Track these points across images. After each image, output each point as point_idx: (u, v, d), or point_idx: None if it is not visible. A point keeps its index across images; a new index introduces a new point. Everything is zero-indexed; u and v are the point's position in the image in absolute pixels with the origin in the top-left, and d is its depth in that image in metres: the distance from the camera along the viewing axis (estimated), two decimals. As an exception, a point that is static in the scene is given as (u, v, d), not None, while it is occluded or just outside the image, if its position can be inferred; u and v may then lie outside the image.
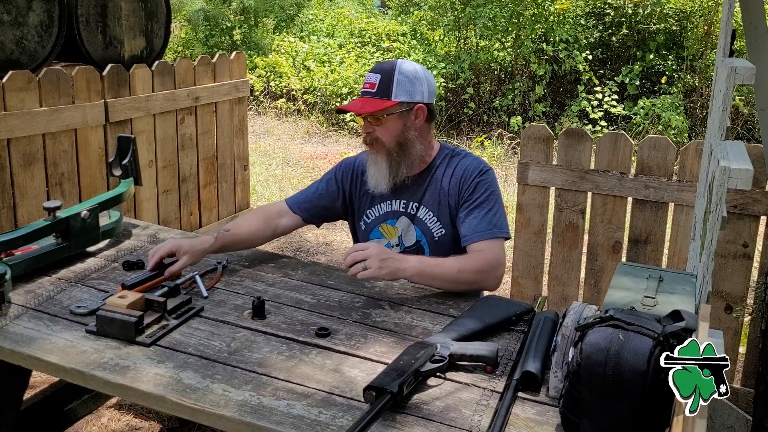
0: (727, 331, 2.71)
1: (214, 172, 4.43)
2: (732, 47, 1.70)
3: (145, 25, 4.12)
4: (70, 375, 1.49)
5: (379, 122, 2.00)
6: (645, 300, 1.47)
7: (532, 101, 7.55)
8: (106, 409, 2.67)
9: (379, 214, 2.12)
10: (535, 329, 1.56)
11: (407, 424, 1.31)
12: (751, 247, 2.66)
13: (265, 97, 8.68)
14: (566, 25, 7.50)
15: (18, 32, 3.42)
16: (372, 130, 2.01)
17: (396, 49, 8.58)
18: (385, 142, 2.01)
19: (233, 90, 4.45)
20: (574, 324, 1.35)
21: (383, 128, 2.00)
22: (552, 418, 1.34)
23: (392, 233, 2.10)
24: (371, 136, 2.02)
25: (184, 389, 1.40)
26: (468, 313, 1.68)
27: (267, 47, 9.22)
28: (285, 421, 1.31)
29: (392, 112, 1.98)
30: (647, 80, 7.42)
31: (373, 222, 2.13)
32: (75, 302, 1.75)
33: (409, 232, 2.08)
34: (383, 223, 2.11)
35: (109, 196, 2.17)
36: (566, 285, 3.03)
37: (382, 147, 2.01)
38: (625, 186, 2.84)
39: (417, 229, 2.08)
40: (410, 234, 2.08)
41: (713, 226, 1.31)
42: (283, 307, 1.78)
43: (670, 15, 7.37)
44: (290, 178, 6.19)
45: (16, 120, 3.08)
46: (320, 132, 7.96)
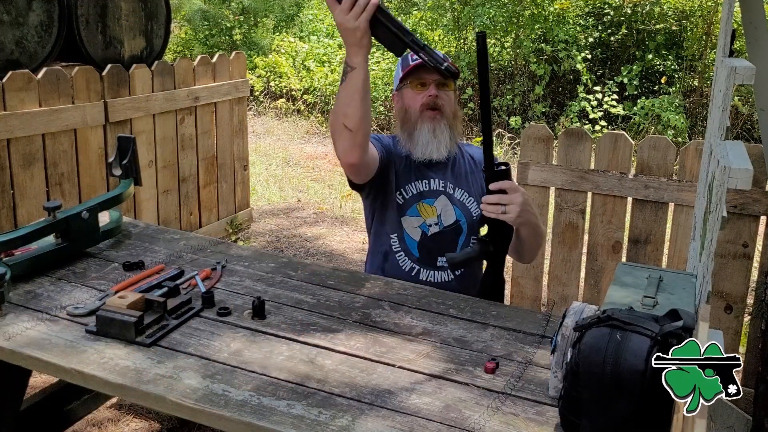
0: (727, 331, 2.71)
1: (214, 172, 4.43)
2: (732, 47, 1.70)
3: (145, 25, 4.12)
4: (70, 375, 1.49)
5: (445, 88, 1.98)
6: (645, 300, 1.47)
7: (532, 101, 7.55)
8: (106, 409, 2.67)
9: (416, 191, 2.08)
10: None
11: (407, 424, 1.31)
12: (751, 247, 2.67)
13: (265, 97, 8.68)
14: (565, 25, 7.50)
15: (18, 32, 3.42)
16: (437, 95, 1.99)
17: (396, 49, 8.57)
18: (446, 110, 1.99)
19: (233, 90, 4.45)
20: (573, 324, 1.35)
21: (447, 95, 1.99)
22: (552, 418, 1.34)
23: (430, 212, 2.08)
24: (436, 100, 1.99)
25: (184, 389, 1.40)
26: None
27: (267, 47, 9.22)
28: (285, 421, 1.31)
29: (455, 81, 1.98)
30: (647, 80, 7.42)
31: (412, 199, 2.08)
32: (74, 302, 1.75)
33: (448, 212, 2.08)
34: (420, 201, 2.08)
35: (109, 196, 2.17)
36: (566, 285, 3.03)
37: (442, 115, 2.00)
38: (625, 186, 2.84)
39: (456, 209, 2.08)
40: (449, 213, 2.08)
41: (713, 226, 1.31)
42: (283, 307, 1.78)
43: (670, 15, 7.37)
44: (290, 178, 6.19)
45: (15, 120, 3.08)
46: (320, 132, 7.95)
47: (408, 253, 2.08)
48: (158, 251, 2.11)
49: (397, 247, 2.08)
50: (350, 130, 1.75)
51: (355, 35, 1.65)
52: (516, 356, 1.58)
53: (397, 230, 2.07)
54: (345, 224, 5.14)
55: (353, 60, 1.70)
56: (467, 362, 1.54)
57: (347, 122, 1.74)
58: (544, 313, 1.87)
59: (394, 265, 2.09)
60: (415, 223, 2.07)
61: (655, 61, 7.28)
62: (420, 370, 1.50)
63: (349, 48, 1.69)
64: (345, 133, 1.76)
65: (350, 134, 1.76)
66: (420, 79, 2.00)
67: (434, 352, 1.58)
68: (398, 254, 2.09)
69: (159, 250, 2.12)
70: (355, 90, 1.72)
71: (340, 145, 1.81)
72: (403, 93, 2.07)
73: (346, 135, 1.76)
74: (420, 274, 2.08)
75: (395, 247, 2.08)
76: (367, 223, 2.19)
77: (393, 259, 2.09)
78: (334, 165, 6.67)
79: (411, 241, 2.08)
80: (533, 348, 1.62)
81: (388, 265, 2.09)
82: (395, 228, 2.08)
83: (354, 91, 1.72)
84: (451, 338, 1.65)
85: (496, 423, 1.32)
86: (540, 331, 1.71)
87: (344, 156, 1.83)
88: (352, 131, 1.75)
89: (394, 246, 2.08)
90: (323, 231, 4.98)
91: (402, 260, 2.08)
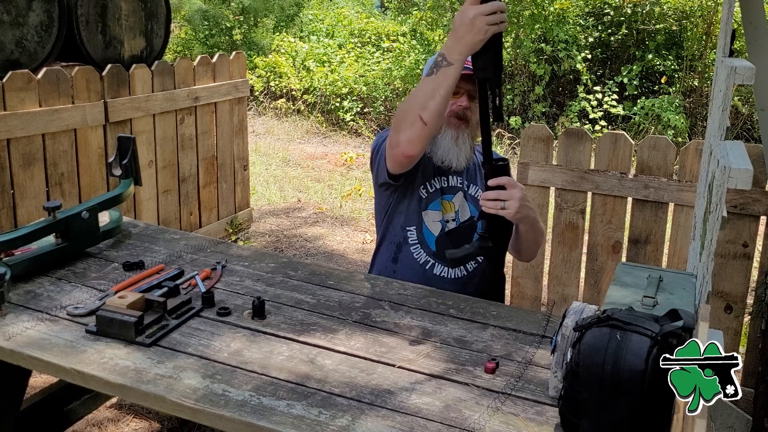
0: (727, 331, 2.71)
1: (214, 172, 4.43)
2: (732, 47, 1.70)
3: (145, 25, 4.12)
4: (70, 375, 1.49)
5: (473, 100, 1.98)
6: (645, 300, 1.47)
7: (532, 101, 7.55)
8: (106, 409, 2.67)
9: (439, 186, 2.10)
10: None
11: (407, 424, 1.31)
12: (751, 247, 2.66)
13: (265, 97, 8.68)
14: (565, 25, 7.50)
15: (18, 32, 3.42)
16: (468, 106, 1.99)
17: (396, 49, 8.58)
18: (472, 121, 2.00)
19: (233, 90, 4.45)
20: (573, 324, 1.35)
21: (475, 106, 1.98)
22: (552, 418, 1.34)
23: (449, 208, 2.09)
24: (466, 110, 1.99)
25: (184, 389, 1.40)
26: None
27: (267, 47, 9.22)
28: (285, 421, 1.31)
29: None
30: (647, 80, 7.42)
31: (435, 194, 2.09)
32: (74, 302, 1.75)
33: (465, 208, 2.10)
34: (442, 197, 2.10)
35: (109, 196, 2.17)
36: (566, 285, 3.03)
37: (467, 125, 2.00)
38: (625, 186, 2.84)
39: (471, 205, 2.09)
40: (465, 210, 2.10)
41: (713, 226, 1.31)
42: (283, 307, 1.78)
43: (670, 15, 7.37)
44: (290, 178, 6.19)
45: (15, 120, 3.08)
46: (320, 132, 7.95)
47: (425, 246, 2.07)
48: (158, 251, 2.11)
49: (413, 239, 2.08)
50: (424, 123, 1.73)
51: (475, 36, 1.61)
52: (516, 356, 1.58)
53: (417, 223, 2.08)
54: (345, 224, 5.14)
55: (454, 55, 1.67)
56: (467, 362, 1.54)
57: (424, 115, 1.72)
58: (544, 313, 1.87)
59: (407, 255, 2.08)
60: (436, 217, 2.08)
61: (655, 61, 7.28)
62: (420, 370, 1.50)
63: (457, 43, 1.64)
64: (418, 124, 1.73)
65: (423, 127, 1.73)
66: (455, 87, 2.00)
67: (434, 352, 1.58)
68: (414, 246, 2.08)
69: (159, 250, 2.12)
70: (443, 86, 1.70)
71: (407, 135, 1.77)
72: None
73: (418, 126, 1.73)
74: (434, 268, 2.08)
75: (411, 240, 2.08)
76: (379, 215, 2.17)
77: (407, 251, 2.08)
78: (334, 165, 6.67)
79: (429, 234, 2.08)
80: (533, 348, 1.62)
81: (402, 256, 2.09)
82: (414, 221, 2.08)
83: (441, 86, 1.70)
84: (451, 338, 1.65)
85: (496, 423, 1.32)
86: (540, 331, 1.71)
87: (408, 146, 1.78)
88: (427, 125, 1.73)
89: (410, 238, 2.08)
90: (323, 231, 4.98)
91: (417, 253, 2.08)
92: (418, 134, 1.75)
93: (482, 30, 1.60)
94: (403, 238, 2.08)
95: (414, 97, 1.75)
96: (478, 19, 1.60)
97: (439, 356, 1.56)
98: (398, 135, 1.79)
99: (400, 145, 1.80)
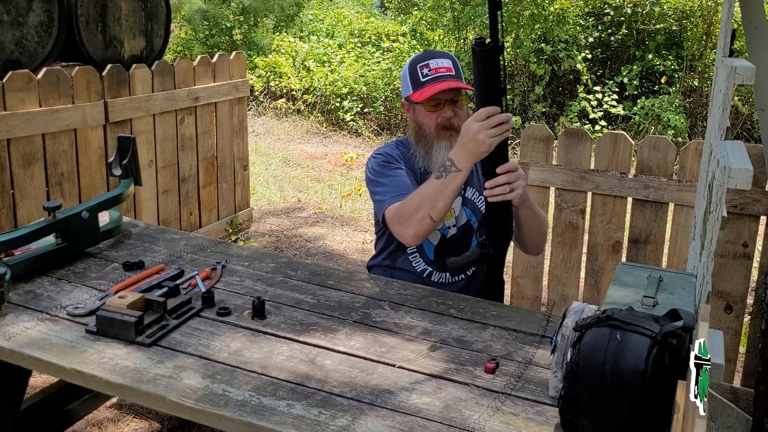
0: (727, 331, 2.71)
1: (214, 172, 4.43)
2: (732, 47, 1.70)
3: (145, 25, 4.12)
4: (70, 375, 1.49)
5: (459, 106, 1.99)
6: (645, 300, 1.47)
7: (532, 101, 7.54)
8: (106, 409, 2.67)
9: None
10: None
11: (407, 423, 1.31)
12: (751, 247, 2.66)
13: (265, 97, 8.68)
14: (565, 25, 7.50)
15: (18, 32, 3.42)
16: (453, 115, 2.00)
17: (396, 49, 8.58)
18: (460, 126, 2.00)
19: (233, 90, 4.45)
20: (573, 324, 1.35)
21: (462, 112, 2.00)
22: (552, 418, 1.34)
23: (449, 215, 2.09)
24: (451, 120, 2.00)
25: (184, 389, 1.40)
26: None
27: (267, 47, 9.22)
28: (285, 421, 1.31)
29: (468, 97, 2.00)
30: (647, 80, 7.42)
31: None
32: (74, 302, 1.75)
33: (461, 213, 2.11)
34: None
35: (109, 196, 2.17)
36: (566, 285, 3.03)
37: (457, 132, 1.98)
38: (625, 186, 2.84)
39: (466, 209, 2.10)
40: (462, 213, 2.11)
41: (713, 226, 1.31)
42: (283, 307, 1.78)
43: (670, 15, 7.37)
44: (290, 178, 6.19)
45: (15, 120, 3.08)
46: (320, 132, 7.95)
47: (423, 255, 2.09)
48: (158, 251, 2.11)
49: (412, 249, 2.08)
50: (433, 221, 1.84)
51: (480, 147, 1.72)
52: (516, 356, 1.58)
53: None
54: (345, 224, 5.14)
55: (462, 163, 1.77)
56: (467, 362, 1.54)
57: (433, 214, 1.82)
58: (544, 313, 1.87)
59: (405, 263, 2.09)
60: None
61: (655, 61, 7.28)
62: (420, 370, 1.50)
63: (465, 152, 1.76)
64: (426, 221, 1.83)
65: (431, 224, 1.85)
66: (434, 100, 1.99)
67: (434, 352, 1.58)
68: (412, 255, 2.09)
69: (159, 250, 2.12)
70: (452, 189, 1.80)
71: (414, 230, 1.86)
72: (415, 109, 2.05)
73: (427, 223, 1.84)
74: (432, 276, 2.09)
75: (410, 249, 2.08)
76: (378, 224, 2.17)
77: (405, 258, 2.10)
78: (334, 165, 6.67)
79: (428, 243, 2.08)
80: (533, 348, 1.62)
81: (399, 263, 2.10)
82: None
83: (451, 189, 1.80)
84: (451, 338, 1.65)
85: (496, 423, 1.32)
86: (540, 331, 1.71)
87: (414, 239, 1.90)
88: (435, 222, 1.84)
89: (408, 247, 2.08)
90: (323, 231, 4.98)
91: (416, 261, 2.09)
92: (426, 230, 1.86)
93: (486, 143, 1.71)
94: (401, 245, 2.08)
95: (423, 197, 1.83)
96: (482, 133, 1.71)
97: (439, 356, 1.56)
98: (406, 229, 1.88)
99: (405, 238, 1.91)
